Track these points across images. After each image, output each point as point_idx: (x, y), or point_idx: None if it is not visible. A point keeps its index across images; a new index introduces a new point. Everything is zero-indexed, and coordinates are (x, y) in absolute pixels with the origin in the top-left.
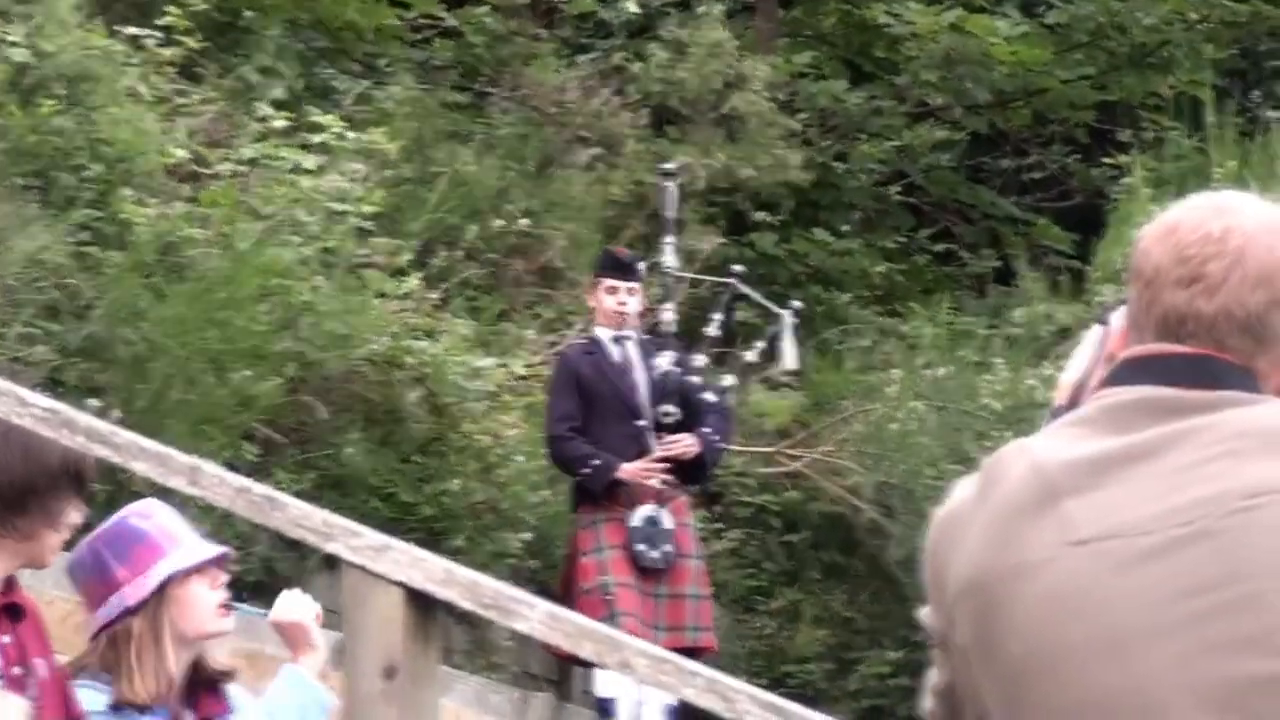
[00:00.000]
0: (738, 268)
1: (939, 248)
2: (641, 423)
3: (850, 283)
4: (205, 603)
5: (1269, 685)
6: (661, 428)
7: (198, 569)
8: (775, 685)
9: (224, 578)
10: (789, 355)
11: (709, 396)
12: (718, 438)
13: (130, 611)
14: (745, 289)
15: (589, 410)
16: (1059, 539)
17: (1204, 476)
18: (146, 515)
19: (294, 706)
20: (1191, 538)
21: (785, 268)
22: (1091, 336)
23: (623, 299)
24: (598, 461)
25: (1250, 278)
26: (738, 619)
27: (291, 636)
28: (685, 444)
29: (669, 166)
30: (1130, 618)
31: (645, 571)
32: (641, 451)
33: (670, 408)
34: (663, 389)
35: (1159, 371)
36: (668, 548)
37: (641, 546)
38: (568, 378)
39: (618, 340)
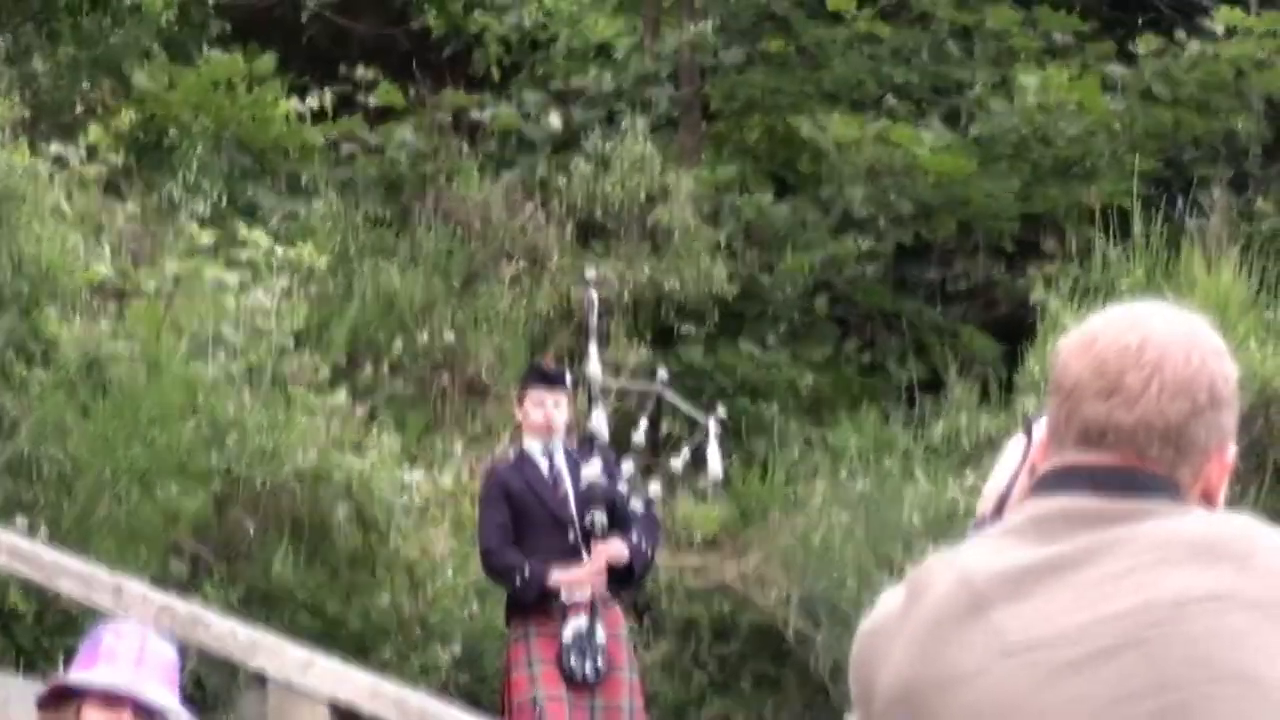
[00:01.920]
0: (663, 374)
1: (865, 359)
2: (573, 536)
3: (777, 394)
4: None
5: None
6: (589, 536)
7: (101, 693)
8: None
9: (127, 718)
10: (714, 465)
11: (636, 506)
12: (645, 545)
13: (40, 704)
14: (671, 397)
15: (520, 524)
16: (989, 649)
17: (1131, 586)
18: (119, 634)
19: None
20: (1120, 647)
21: (712, 379)
22: (1014, 446)
23: (549, 411)
24: (528, 570)
25: (1169, 389)
26: None
27: None
28: (615, 548)
29: (590, 274)
30: None
31: (579, 684)
32: (575, 563)
33: (599, 514)
34: (590, 498)
35: (1083, 482)
36: (599, 661)
37: (574, 661)
38: (497, 492)
39: (546, 453)
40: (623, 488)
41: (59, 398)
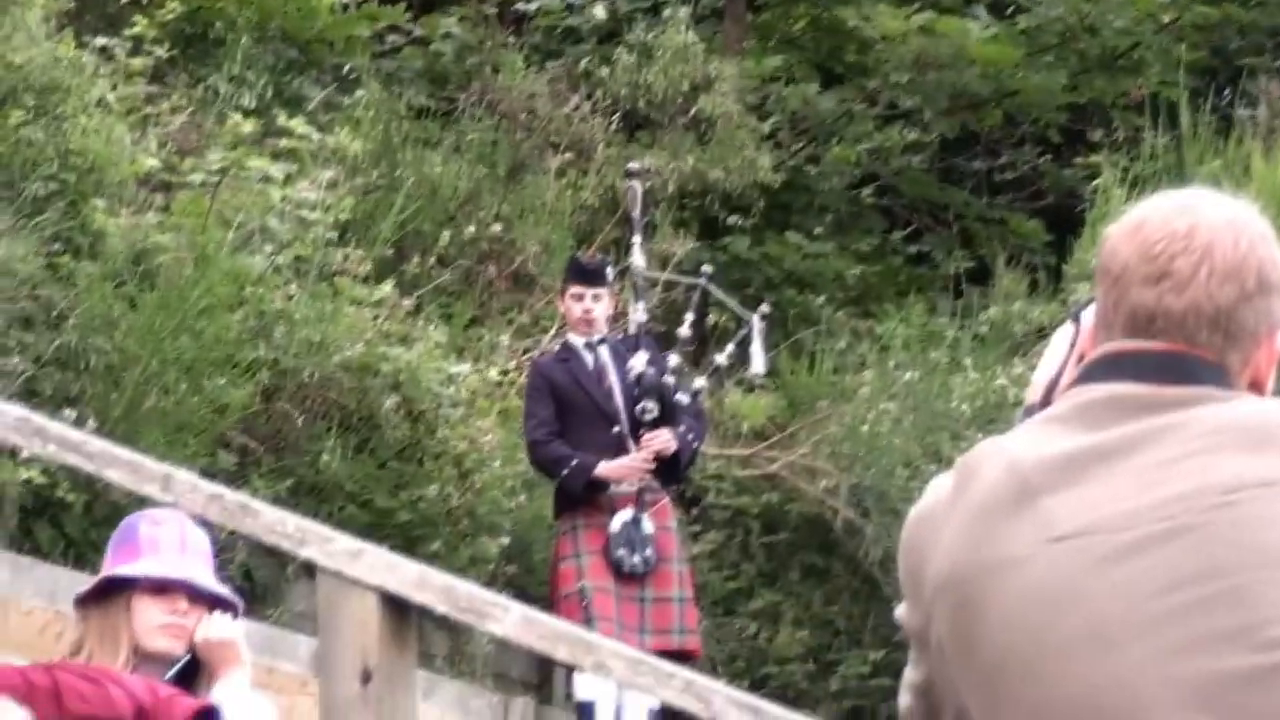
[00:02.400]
0: (707, 268)
1: (912, 250)
2: (618, 428)
3: (824, 285)
4: (148, 619)
5: (1249, 680)
6: (640, 426)
7: (152, 584)
8: (756, 687)
9: (184, 605)
10: (757, 359)
11: (683, 397)
12: (692, 436)
13: (79, 601)
14: (716, 291)
15: (565, 418)
16: (1037, 536)
17: (1181, 473)
18: (155, 522)
19: None
20: (1170, 533)
21: (759, 271)
22: (1063, 334)
23: (588, 305)
24: (576, 461)
25: (1218, 273)
26: (718, 621)
27: (219, 655)
28: (664, 439)
29: (634, 166)
30: (1110, 614)
31: (627, 576)
32: (620, 456)
33: (650, 404)
34: (639, 388)
35: (1131, 368)
36: (648, 552)
37: (621, 552)
38: (542, 385)
39: (590, 347)
40: (669, 380)
41: (106, 290)
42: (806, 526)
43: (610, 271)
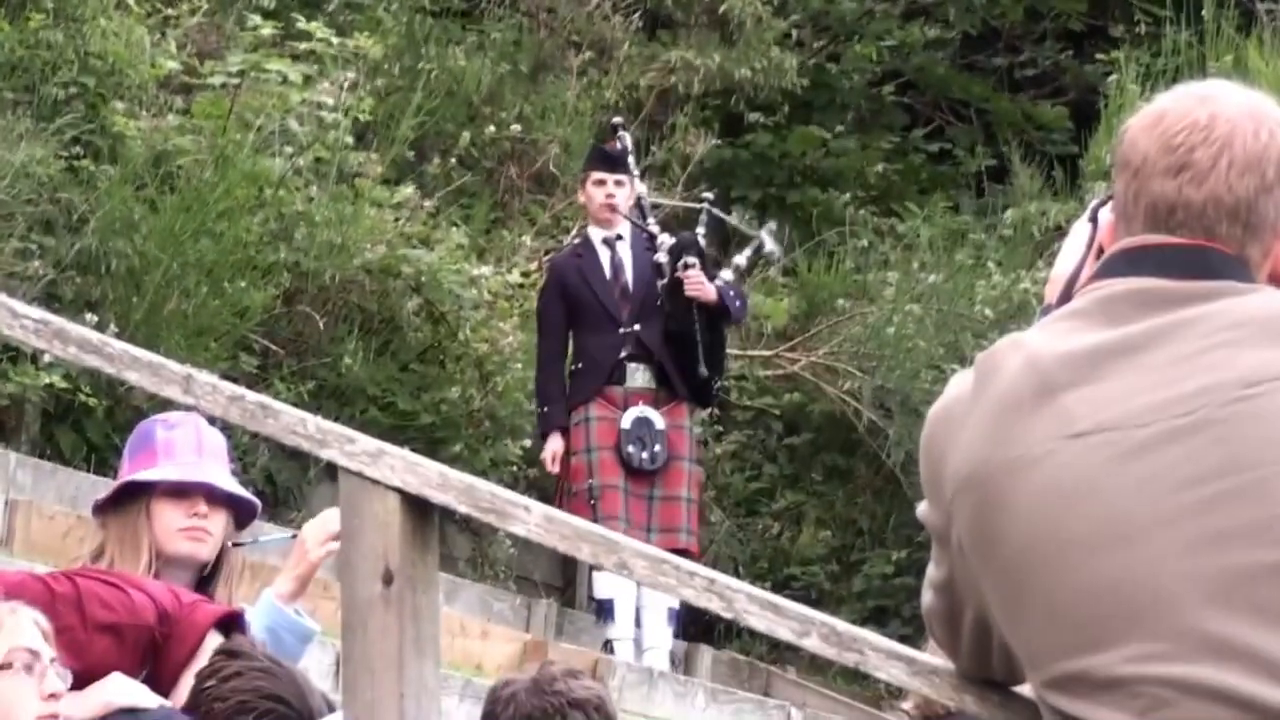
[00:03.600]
0: (708, 194)
1: (934, 147)
2: (623, 330)
3: (846, 184)
4: (167, 523)
5: (1272, 573)
6: (678, 282)
7: (170, 487)
8: (779, 588)
9: (203, 508)
10: (770, 244)
11: (726, 273)
12: (734, 294)
13: (98, 507)
14: (719, 213)
15: (573, 317)
16: (1057, 432)
17: (1202, 366)
18: (170, 425)
19: (262, 631)
20: (1192, 427)
21: (780, 168)
22: (1080, 230)
23: (610, 191)
24: (546, 409)
25: (1238, 164)
26: (740, 522)
27: (295, 553)
28: (698, 279)
29: (617, 120)
30: (1132, 508)
31: (637, 473)
32: (620, 361)
33: (690, 259)
34: (678, 246)
35: (1151, 263)
36: (658, 449)
37: (631, 448)
38: (553, 290)
39: (608, 243)
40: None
41: (126, 193)
42: (829, 426)
43: (632, 160)
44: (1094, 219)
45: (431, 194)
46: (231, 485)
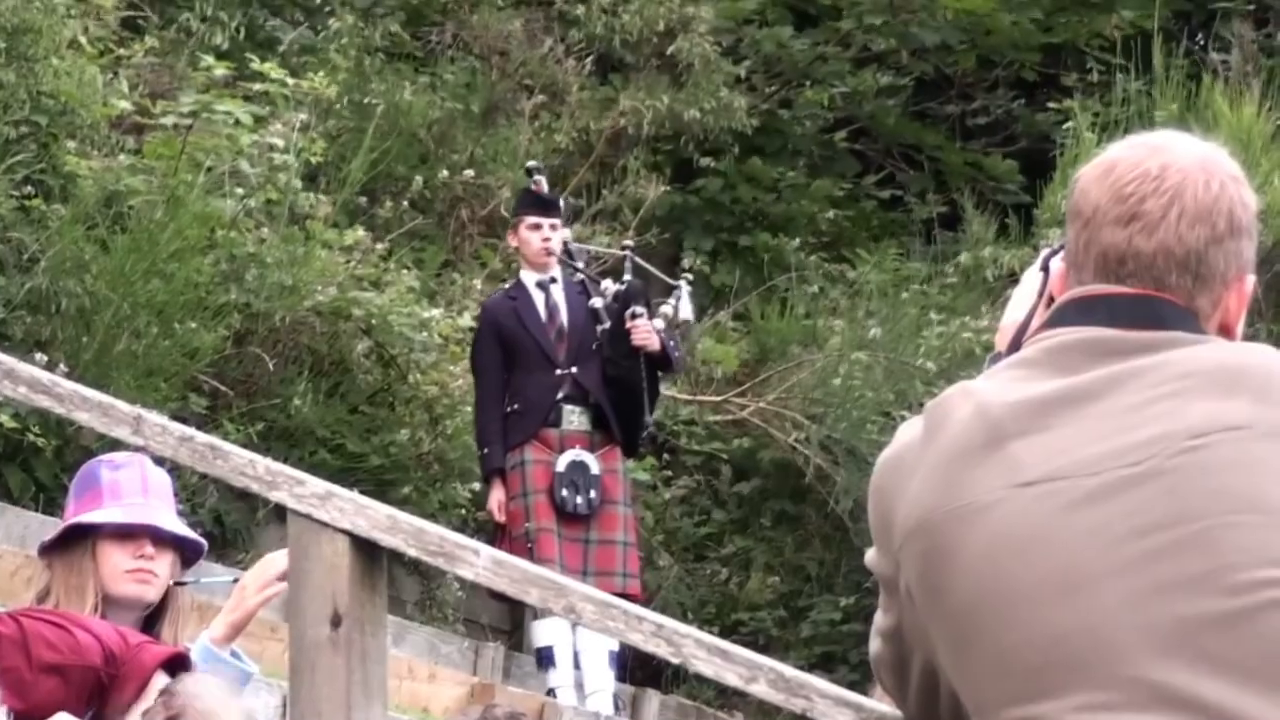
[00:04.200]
0: (628, 243)
1: (885, 194)
2: (559, 372)
3: (797, 229)
4: (113, 564)
5: (1219, 624)
6: (624, 332)
7: (116, 530)
8: (727, 633)
9: (149, 549)
10: (685, 311)
11: (658, 322)
12: (673, 345)
13: (44, 549)
14: (640, 261)
15: (509, 359)
16: (1006, 481)
17: (1150, 417)
18: (115, 466)
19: None
20: (1140, 478)
21: (730, 214)
22: (1031, 278)
23: (546, 235)
24: (487, 451)
25: (1189, 215)
26: (689, 567)
27: (234, 597)
28: (645, 329)
29: (532, 164)
30: (1080, 558)
31: (571, 516)
32: (556, 402)
33: (638, 309)
34: (627, 296)
35: (1101, 312)
36: (593, 494)
37: (565, 493)
38: (487, 332)
39: (541, 286)
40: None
41: (77, 233)
42: (778, 473)
43: (562, 203)
44: (1045, 268)
45: (383, 236)
46: (177, 526)
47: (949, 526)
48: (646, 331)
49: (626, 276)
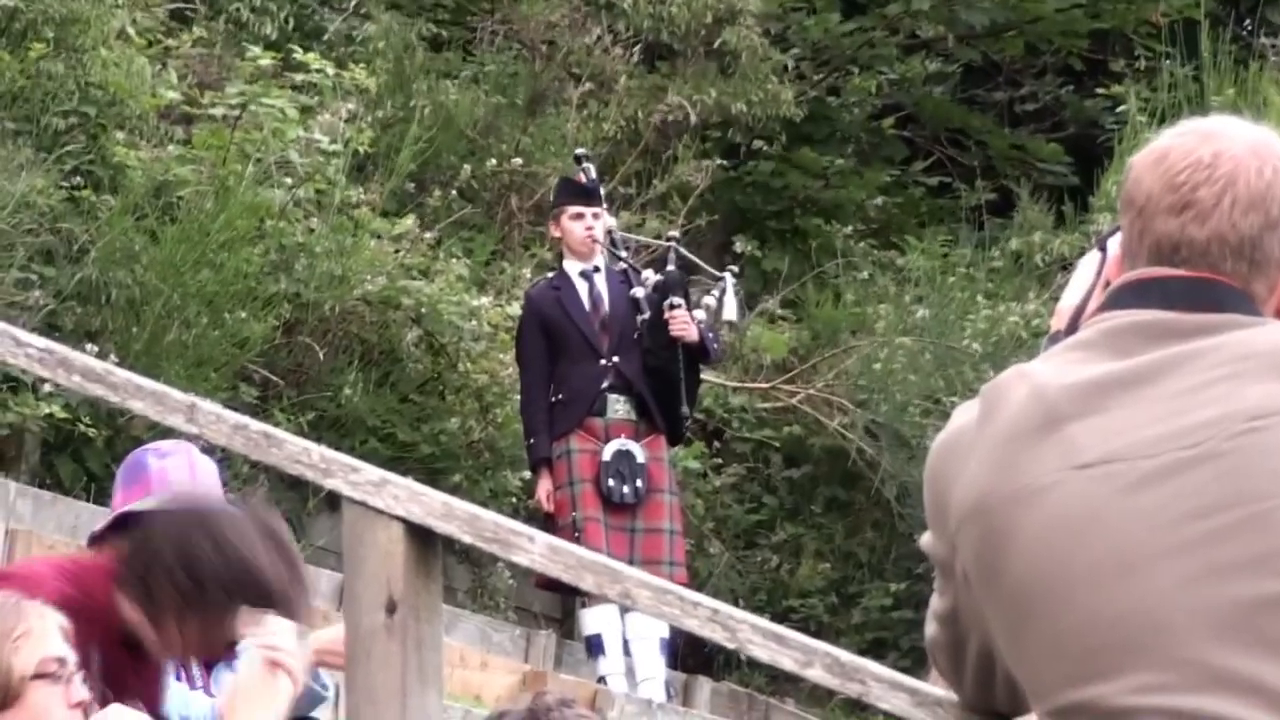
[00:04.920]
0: (674, 232)
1: (934, 180)
2: (604, 362)
3: (845, 216)
4: None
5: (1276, 605)
6: (662, 321)
7: None
8: (779, 619)
9: None
10: (729, 309)
11: (698, 313)
12: (713, 336)
13: (94, 538)
14: (685, 252)
15: (553, 349)
16: (1063, 463)
17: (1207, 399)
18: (163, 454)
19: None
20: (1197, 460)
21: (780, 198)
22: (1089, 261)
23: (589, 224)
24: (533, 441)
25: (1241, 202)
26: (740, 554)
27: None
28: (683, 319)
29: (580, 151)
30: (1137, 540)
31: (617, 506)
32: (601, 392)
33: (676, 299)
34: (665, 285)
35: (1157, 295)
36: (639, 483)
37: (612, 482)
38: (531, 323)
39: (585, 275)
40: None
41: (126, 223)
42: (828, 459)
43: (603, 191)
44: (1103, 248)
45: (432, 226)
46: None
47: (1005, 509)
48: (684, 323)
49: (669, 267)
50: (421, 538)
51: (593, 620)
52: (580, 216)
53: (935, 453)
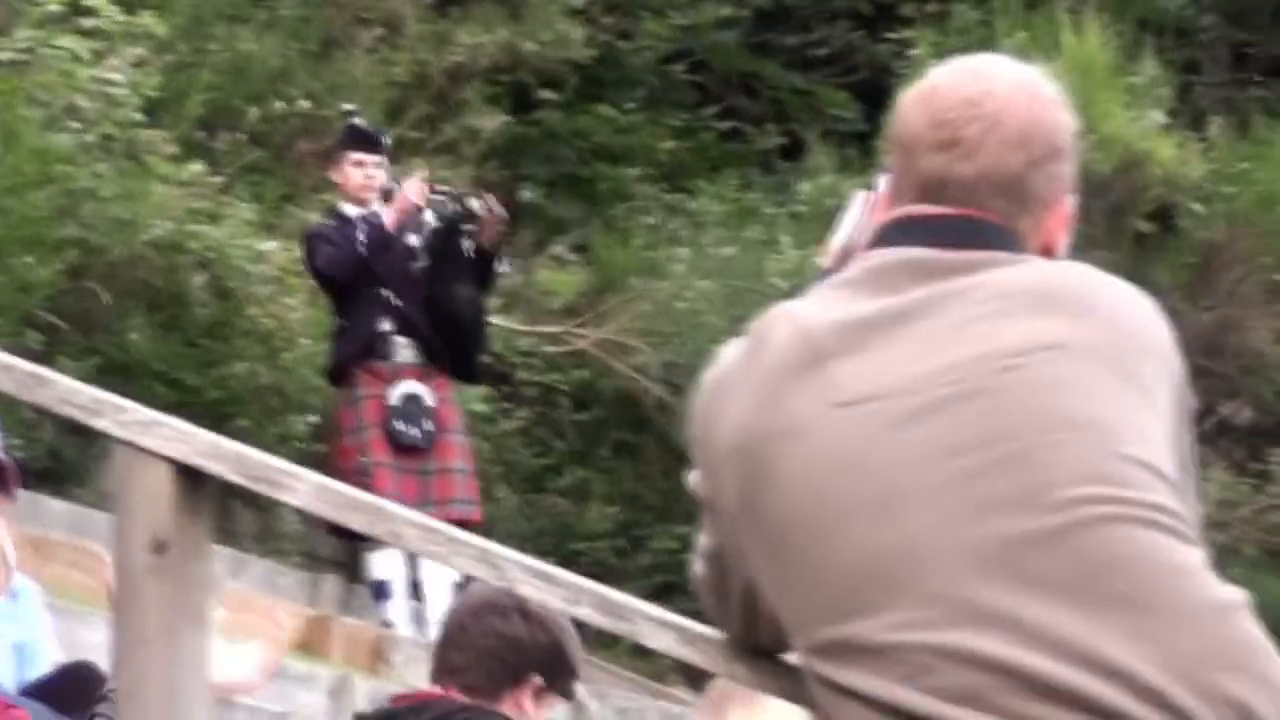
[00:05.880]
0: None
1: (725, 125)
2: (388, 303)
3: (637, 160)
4: None
5: (1037, 541)
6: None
7: None
8: (565, 563)
9: None
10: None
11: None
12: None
13: None
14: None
15: (350, 276)
16: (825, 401)
17: (969, 337)
18: None
19: None
20: (959, 397)
21: (570, 145)
22: (858, 201)
23: (371, 172)
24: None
25: (1009, 140)
26: (527, 498)
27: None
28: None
29: (349, 107)
30: (899, 477)
31: (407, 449)
32: (384, 334)
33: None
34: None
35: (922, 233)
36: (428, 425)
37: (400, 425)
38: (319, 242)
39: (366, 220)
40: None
41: None
42: (618, 403)
43: (387, 140)
44: (873, 188)
45: (220, 170)
46: None
47: (769, 446)
48: (495, 219)
49: (444, 208)
50: (190, 477)
51: (378, 564)
52: (361, 164)
53: (702, 390)
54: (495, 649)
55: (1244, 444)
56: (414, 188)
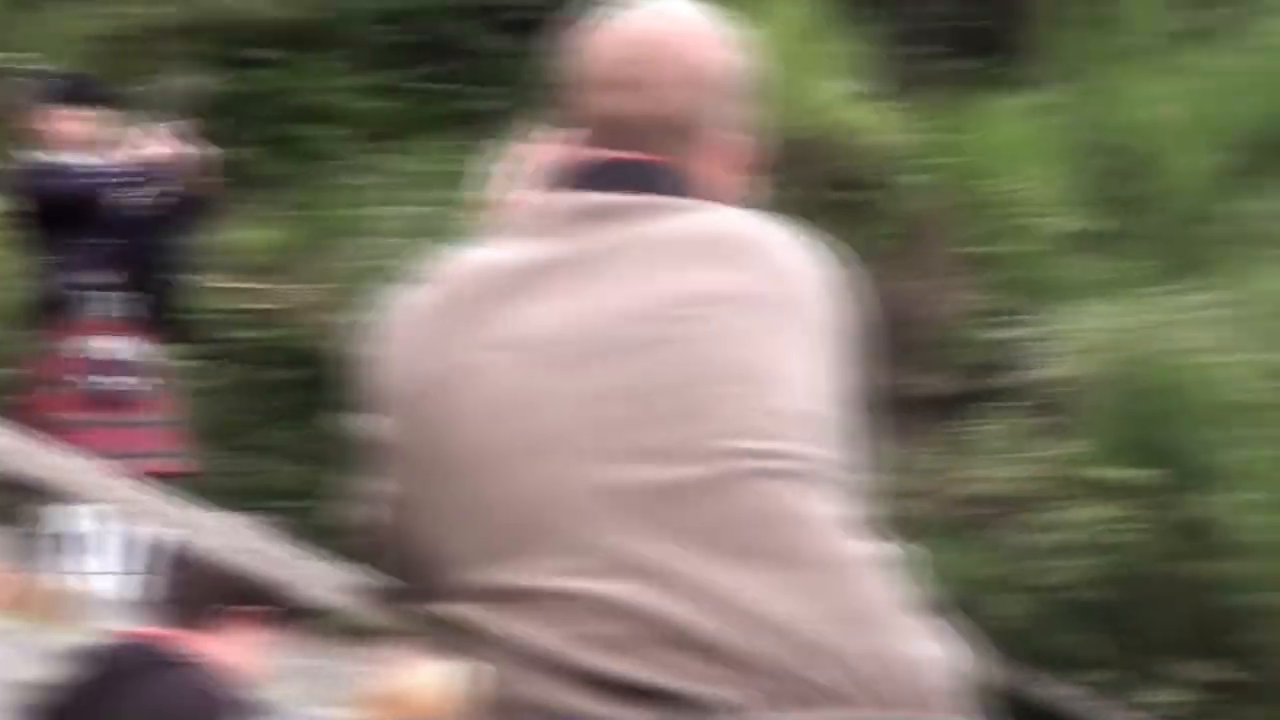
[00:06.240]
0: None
1: (436, 87)
2: (88, 252)
3: (343, 119)
4: None
5: (687, 492)
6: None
7: None
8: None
9: None
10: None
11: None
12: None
13: None
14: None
15: (49, 226)
16: (489, 344)
17: (637, 284)
18: None
19: None
20: (624, 344)
21: (275, 104)
22: (515, 149)
23: (80, 125)
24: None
25: (678, 79)
26: (214, 456)
27: None
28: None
29: (43, 68)
30: (555, 422)
31: (104, 402)
32: (83, 286)
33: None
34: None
35: (593, 176)
36: (127, 378)
37: (95, 377)
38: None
39: (68, 171)
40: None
41: None
42: (315, 361)
43: (102, 92)
44: (542, 130)
45: None
46: None
47: (434, 390)
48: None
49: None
50: None
51: (61, 518)
52: (67, 118)
53: (371, 335)
54: (179, 591)
55: (935, 414)
56: (125, 138)
